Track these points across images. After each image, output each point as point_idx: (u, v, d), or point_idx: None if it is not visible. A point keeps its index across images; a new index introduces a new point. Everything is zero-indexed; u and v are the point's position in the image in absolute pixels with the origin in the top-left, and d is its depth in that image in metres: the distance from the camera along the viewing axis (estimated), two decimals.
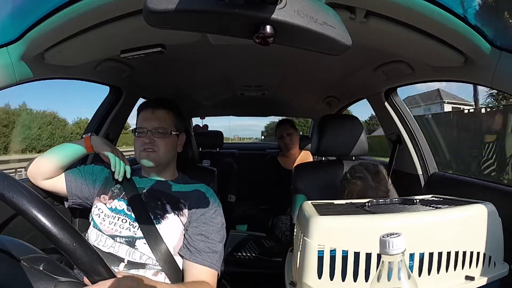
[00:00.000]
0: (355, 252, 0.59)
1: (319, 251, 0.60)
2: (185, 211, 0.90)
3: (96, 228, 0.88)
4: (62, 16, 0.67)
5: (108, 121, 1.43)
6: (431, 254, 0.60)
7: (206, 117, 3.06)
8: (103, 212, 0.89)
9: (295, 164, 1.41)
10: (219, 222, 0.90)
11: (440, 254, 0.61)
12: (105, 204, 0.91)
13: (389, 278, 0.42)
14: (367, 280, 0.58)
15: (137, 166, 1.02)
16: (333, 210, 0.72)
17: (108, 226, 0.87)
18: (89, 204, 0.97)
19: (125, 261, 0.82)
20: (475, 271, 0.63)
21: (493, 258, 0.65)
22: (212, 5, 0.36)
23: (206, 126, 2.90)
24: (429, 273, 0.60)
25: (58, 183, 0.95)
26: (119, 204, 0.90)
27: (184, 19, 0.38)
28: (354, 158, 1.31)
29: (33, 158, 0.96)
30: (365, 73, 1.35)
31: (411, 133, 1.45)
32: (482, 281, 0.62)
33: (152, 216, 0.87)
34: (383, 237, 0.42)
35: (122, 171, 0.93)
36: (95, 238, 0.86)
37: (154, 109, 0.96)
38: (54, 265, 0.52)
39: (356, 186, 1.00)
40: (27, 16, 0.71)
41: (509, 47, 0.73)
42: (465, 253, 0.62)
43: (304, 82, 1.73)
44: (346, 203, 0.82)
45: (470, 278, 0.62)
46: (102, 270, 0.50)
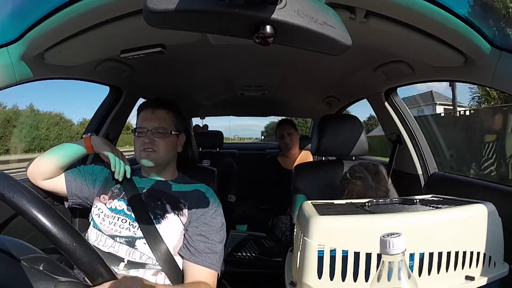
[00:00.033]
0: (355, 252, 0.59)
1: (319, 251, 0.60)
2: (185, 211, 0.89)
3: (96, 228, 0.87)
4: (62, 16, 0.67)
5: (108, 121, 1.43)
6: (431, 254, 0.60)
7: (206, 117, 3.07)
8: (103, 212, 0.89)
9: (295, 164, 1.41)
10: (219, 222, 0.90)
11: (440, 254, 0.61)
12: (105, 204, 0.91)
13: (389, 278, 0.42)
14: (367, 280, 0.58)
15: (137, 166, 1.02)
16: (333, 210, 0.72)
17: (108, 226, 0.87)
18: (89, 204, 0.97)
19: (125, 261, 0.82)
20: (475, 271, 0.63)
21: (493, 258, 0.65)
22: (212, 5, 0.36)
23: (206, 126, 2.90)
24: (429, 273, 0.60)
25: (58, 183, 0.95)
26: (119, 204, 0.90)
27: (184, 19, 0.38)
28: (354, 158, 1.31)
29: None
30: (365, 73, 1.35)
31: (411, 133, 1.45)
32: (482, 281, 0.62)
33: (152, 216, 0.87)
34: (383, 237, 0.42)
35: (122, 171, 0.93)
36: (95, 238, 0.86)
37: (154, 109, 0.96)
38: (54, 265, 0.52)
39: (356, 186, 1.00)
40: (27, 16, 0.71)
41: (509, 47, 0.73)
42: (465, 253, 0.62)
43: (304, 82, 1.73)
44: (346, 203, 0.82)
45: (470, 278, 0.62)
46: (102, 270, 0.50)
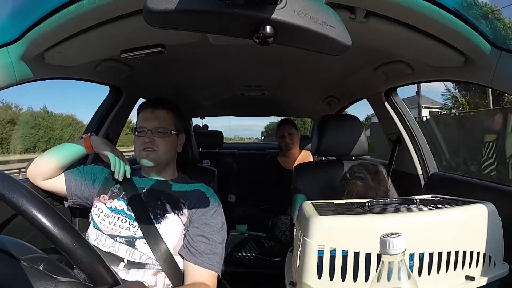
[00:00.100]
0: (355, 252, 0.59)
1: (319, 251, 0.60)
2: (185, 211, 0.89)
3: (96, 228, 0.87)
4: (62, 16, 0.67)
5: (108, 121, 1.43)
6: (431, 254, 0.60)
7: (206, 117, 3.07)
8: (102, 212, 0.89)
9: (295, 164, 1.41)
10: (219, 222, 0.89)
11: (440, 254, 0.61)
12: (105, 204, 0.91)
13: (389, 278, 0.42)
14: (367, 280, 0.58)
15: (137, 166, 1.02)
16: (333, 210, 0.72)
17: (108, 226, 0.86)
18: (89, 204, 0.97)
19: (125, 260, 0.82)
20: (475, 271, 0.63)
21: (493, 258, 0.65)
22: (212, 5, 0.36)
23: (206, 126, 2.90)
24: (429, 273, 0.60)
25: (58, 183, 0.95)
26: (119, 204, 0.90)
27: (184, 19, 0.38)
28: (354, 158, 1.31)
29: None
30: (365, 73, 1.35)
31: (411, 133, 1.45)
32: (482, 281, 0.62)
33: (152, 216, 0.87)
34: (383, 237, 0.42)
35: (122, 171, 0.93)
36: (95, 238, 0.86)
37: (154, 109, 0.96)
38: (54, 265, 0.52)
39: (356, 186, 1.00)
40: (27, 16, 0.71)
41: (509, 47, 0.73)
42: (465, 253, 0.62)
43: (304, 82, 1.73)
44: (346, 203, 0.81)
45: (470, 278, 0.62)
46: (102, 270, 0.50)
